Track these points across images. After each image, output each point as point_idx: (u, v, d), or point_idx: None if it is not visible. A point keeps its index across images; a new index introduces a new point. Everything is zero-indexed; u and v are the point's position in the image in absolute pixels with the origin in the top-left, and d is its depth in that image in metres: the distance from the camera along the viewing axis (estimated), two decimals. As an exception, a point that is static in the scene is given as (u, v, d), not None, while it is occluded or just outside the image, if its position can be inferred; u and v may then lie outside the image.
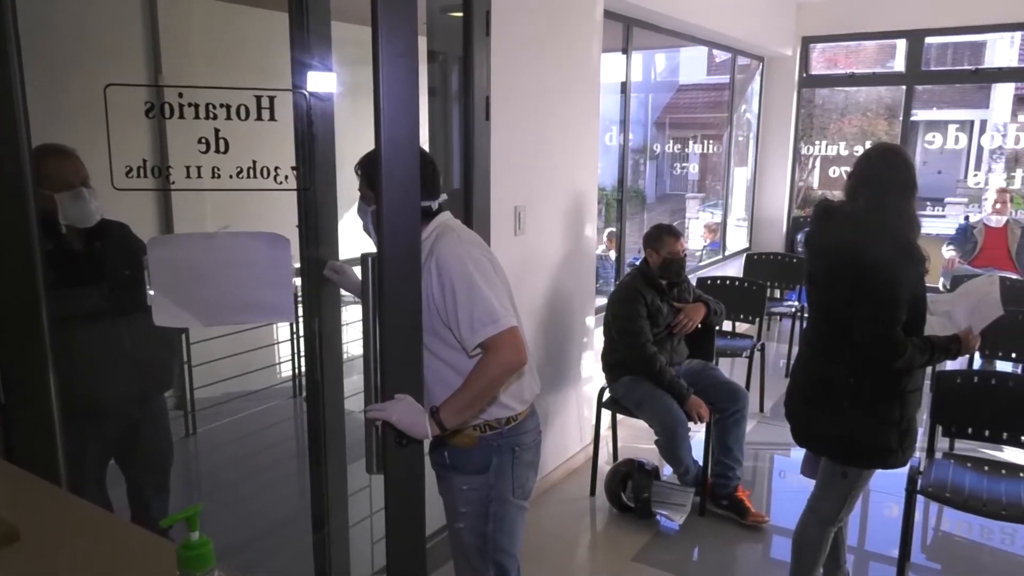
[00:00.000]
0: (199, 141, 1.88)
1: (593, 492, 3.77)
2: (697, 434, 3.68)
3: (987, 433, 2.98)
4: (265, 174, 1.97)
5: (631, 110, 4.74)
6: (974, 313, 2.44)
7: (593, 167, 3.89)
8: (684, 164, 8.21)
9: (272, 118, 1.94)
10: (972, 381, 3.01)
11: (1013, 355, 4.03)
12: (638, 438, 4.10)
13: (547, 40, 3.37)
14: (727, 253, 6.86)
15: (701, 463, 3.57)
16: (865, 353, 2.33)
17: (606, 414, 3.95)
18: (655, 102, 9.73)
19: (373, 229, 1.88)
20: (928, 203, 9.26)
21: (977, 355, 4.15)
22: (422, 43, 2.89)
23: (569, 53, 3.55)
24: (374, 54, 1.58)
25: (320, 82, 2.12)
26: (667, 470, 3.73)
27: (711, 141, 7.61)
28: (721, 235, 6.87)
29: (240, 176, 1.94)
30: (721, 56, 6.66)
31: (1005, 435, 2.95)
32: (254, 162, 1.95)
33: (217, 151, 1.90)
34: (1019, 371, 4.33)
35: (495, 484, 2.01)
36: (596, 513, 3.67)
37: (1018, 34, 6.03)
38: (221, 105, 1.88)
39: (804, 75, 6.93)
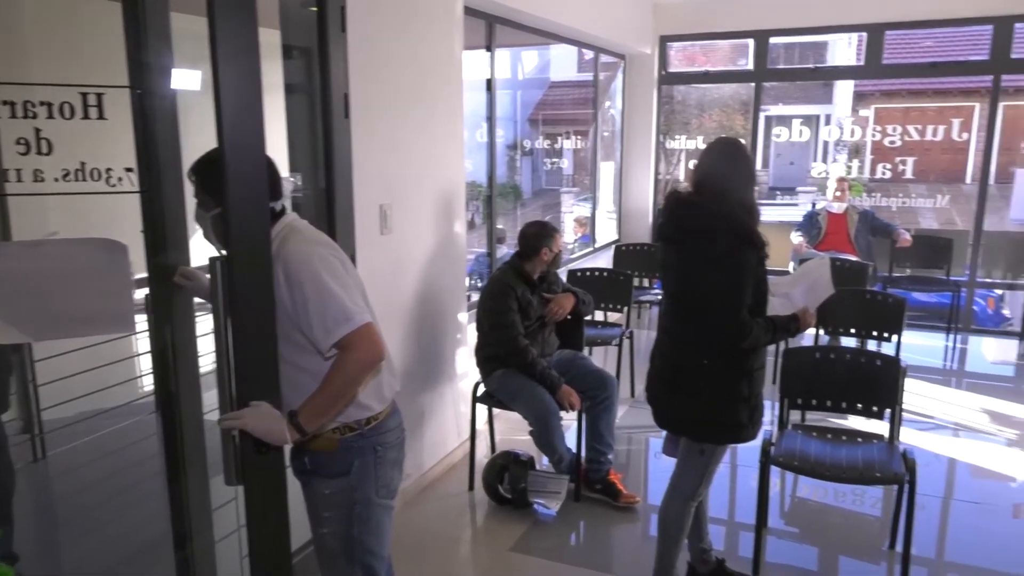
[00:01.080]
0: (18, 142, 1.73)
1: (472, 487, 3.80)
2: (571, 422, 3.77)
3: (829, 404, 3.23)
4: (96, 176, 1.85)
5: (502, 107, 4.80)
6: (809, 293, 2.64)
7: (459, 164, 3.90)
8: (556, 160, 8.38)
9: (101, 116, 1.82)
10: (814, 356, 3.26)
11: (852, 330, 4.38)
12: (515, 430, 4.16)
13: (406, 36, 3.35)
14: (598, 245, 7.07)
15: (575, 450, 3.67)
16: (715, 335, 2.47)
17: (482, 409, 3.99)
18: (527, 99, 9.87)
19: (214, 235, 1.81)
20: (778, 192, 9.91)
21: (822, 331, 4.48)
22: (276, 37, 2.81)
23: (430, 50, 3.55)
24: (212, 49, 1.52)
25: (158, 78, 2.01)
26: (545, 460, 3.81)
27: (579, 137, 7.82)
28: (591, 228, 7.08)
29: (67, 179, 1.80)
30: (590, 53, 6.85)
31: (844, 404, 3.20)
32: (83, 164, 1.82)
33: (39, 152, 1.76)
34: (858, 345, 4.71)
35: (358, 486, 1.99)
36: (475, 507, 3.70)
37: (855, 35, 6.53)
38: (41, 103, 1.75)
39: (663, 72, 7.24)
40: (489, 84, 4.76)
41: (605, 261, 6.48)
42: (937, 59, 6.84)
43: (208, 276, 1.96)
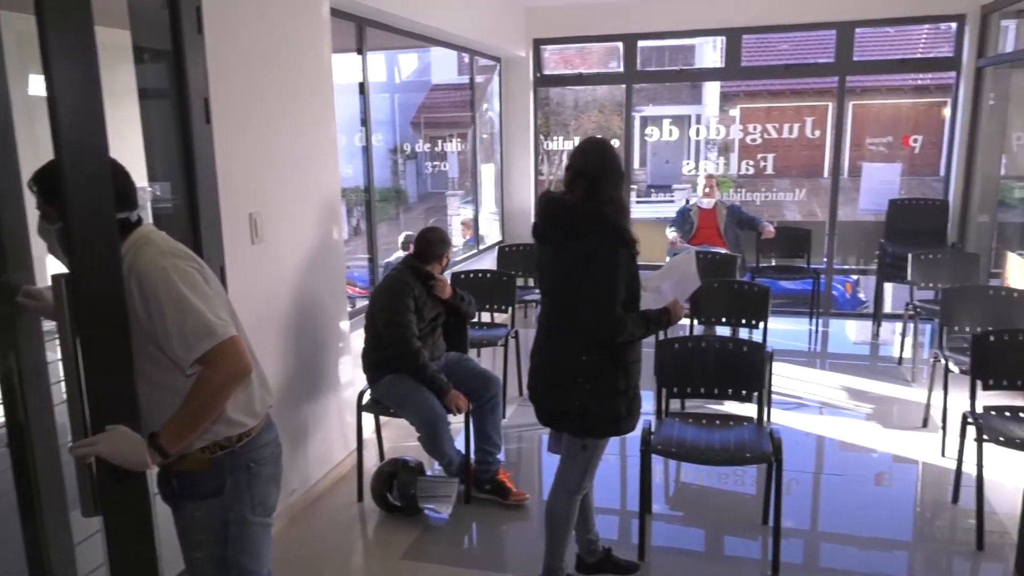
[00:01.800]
0: None
1: (360, 497, 3.73)
2: (458, 425, 3.76)
3: (702, 391, 3.38)
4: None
5: (381, 110, 4.72)
6: (678, 286, 2.75)
7: (334, 168, 3.82)
8: (438, 163, 8.35)
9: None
10: (687, 346, 3.40)
11: (723, 319, 4.60)
12: (405, 436, 4.12)
13: (271, 38, 3.24)
14: (482, 247, 7.11)
15: (464, 452, 3.67)
16: (592, 332, 2.53)
17: (369, 417, 3.93)
18: (408, 102, 9.78)
19: (60, 249, 1.69)
20: (653, 190, 10.28)
21: (696, 322, 4.68)
22: (127, 38, 2.65)
23: (297, 52, 3.45)
24: (42, 49, 1.42)
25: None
26: (436, 465, 3.78)
27: (461, 140, 7.83)
28: (474, 230, 7.11)
29: None
30: (478, 58, 6.89)
31: (716, 391, 3.36)
32: None
33: None
34: (731, 333, 4.95)
35: (232, 506, 1.91)
36: (365, 518, 3.63)
37: (719, 38, 6.88)
38: None
39: (538, 75, 7.36)
40: (362, 87, 4.69)
41: (490, 262, 6.53)
42: (790, 61, 7.30)
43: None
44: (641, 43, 7.13)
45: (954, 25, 6.32)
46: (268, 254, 3.26)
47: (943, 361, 4.08)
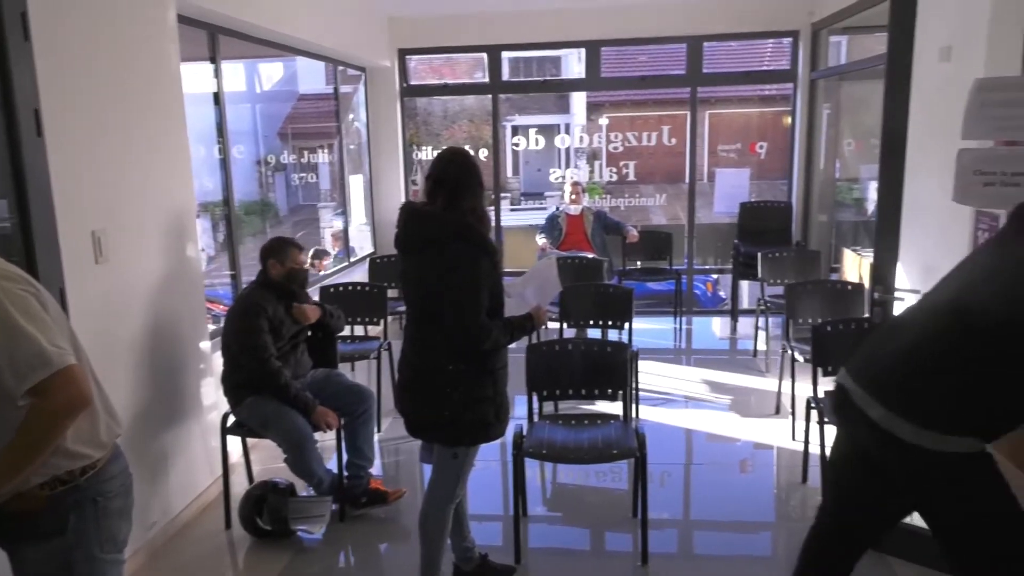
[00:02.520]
0: None
1: (229, 524, 3.57)
2: (329, 441, 3.68)
3: (571, 392, 3.47)
4: None
5: (243, 121, 4.55)
6: (540, 292, 2.82)
7: (187, 182, 3.65)
8: (307, 174, 8.14)
9: None
10: (555, 349, 3.49)
11: (592, 322, 4.75)
12: (275, 458, 3.97)
13: (111, 46, 3.06)
14: (353, 259, 7.00)
15: (336, 469, 3.59)
16: (457, 340, 2.55)
17: (236, 440, 3.77)
18: (275, 112, 9.47)
19: None
20: (525, 197, 10.47)
21: (566, 324, 4.80)
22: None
23: (141, 61, 3.28)
24: None
25: None
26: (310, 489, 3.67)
27: (329, 151, 7.67)
28: (344, 242, 6.99)
29: None
30: (340, 67, 6.77)
31: (583, 391, 3.46)
32: None
33: None
34: (600, 335, 5.11)
35: (77, 544, 1.78)
36: (234, 545, 3.48)
37: (582, 50, 7.12)
38: None
39: (404, 85, 7.35)
40: (217, 97, 4.51)
41: (361, 275, 6.43)
42: (647, 73, 7.65)
43: None
44: (507, 54, 7.26)
45: (790, 40, 6.84)
46: (115, 274, 3.07)
47: (790, 351, 4.39)
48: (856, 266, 5.68)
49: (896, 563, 3.04)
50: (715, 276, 9.25)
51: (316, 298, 3.97)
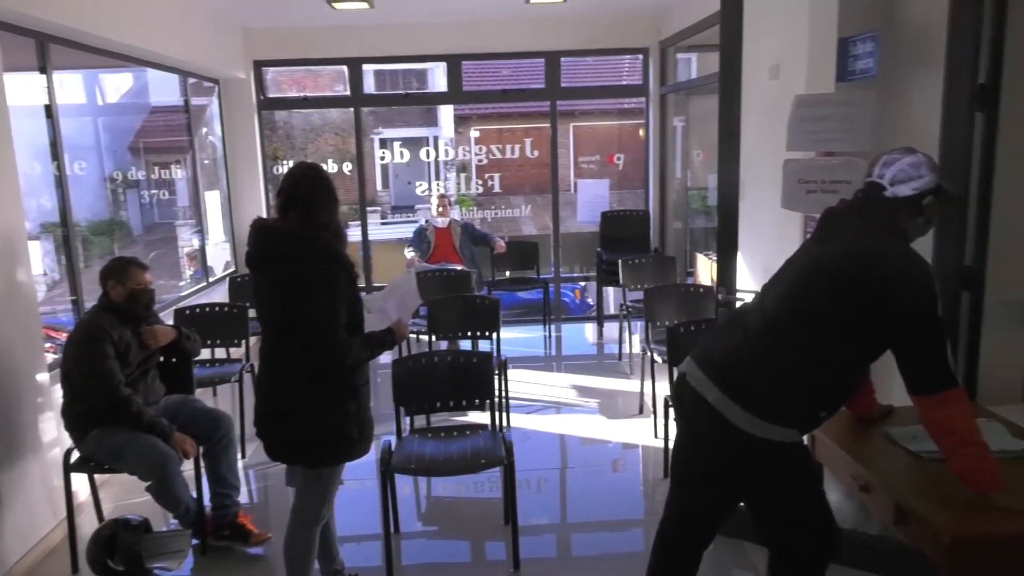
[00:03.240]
0: None
1: (76, 568, 3.32)
2: (188, 471, 3.50)
3: (439, 404, 3.47)
4: None
5: (87, 135, 4.24)
6: (401, 306, 2.81)
7: (14, 201, 3.38)
8: (161, 191, 7.71)
9: None
10: (421, 363, 3.48)
11: (459, 333, 4.78)
12: (130, 492, 3.75)
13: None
14: (213, 278, 6.69)
15: (197, 499, 3.41)
16: (316, 359, 2.50)
17: (82, 477, 3.50)
18: (125, 125, 8.92)
19: None
20: (393, 210, 10.41)
21: (435, 337, 4.79)
22: None
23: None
24: None
25: None
26: (173, 521, 3.45)
27: (180, 167, 7.31)
28: (201, 262, 6.67)
29: None
30: (193, 79, 6.45)
31: (451, 403, 3.47)
32: None
33: None
34: (466, 347, 5.14)
35: None
36: (82, 591, 3.24)
37: (444, 64, 7.16)
38: None
39: (261, 97, 7.12)
40: (49, 110, 4.20)
41: (221, 295, 6.16)
42: (509, 87, 7.80)
43: None
44: (368, 67, 7.19)
45: (641, 57, 7.19)
46: (-70, 304, 2.80)
47: (649, 353, 4.60)
48: (708, 270, 6.03)
49: (748, 547, 3.24)
50: (582, 283, 9.54)
51: (170, 321, 3.77)
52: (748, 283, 4.35)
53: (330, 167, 7.33)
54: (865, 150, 2.86)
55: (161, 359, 3.56)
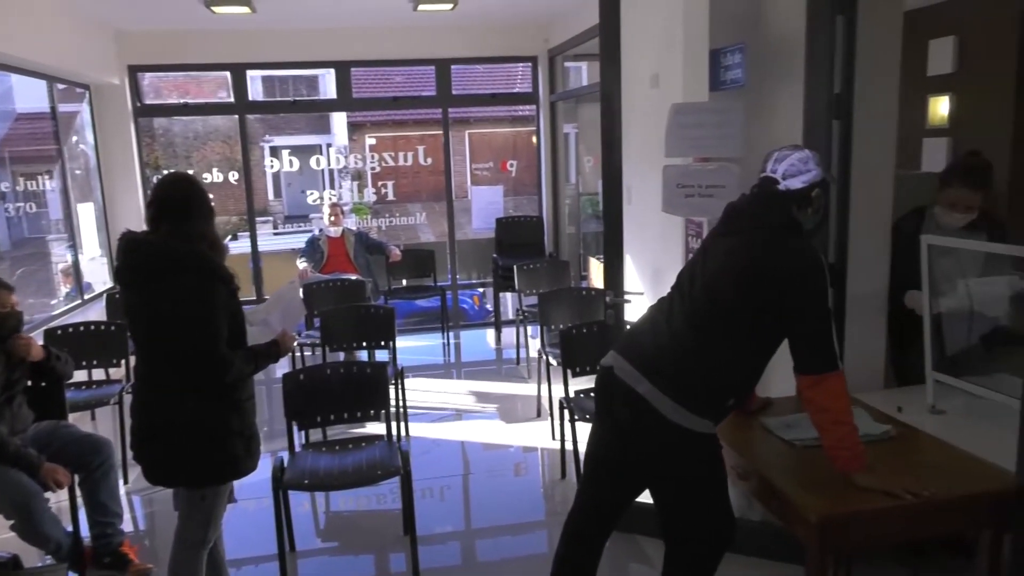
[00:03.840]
0: None
1: (-65, 616, 3.06)
2: (63, 502, 3.29)
3: (332, 417, 3.41)
4: None
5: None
6: (285, 317, 2.75)
7: None
8: (29, 203, 7.21)
9: None
10: (312, 375, 3.41)
11: (355, 344, 4.71)
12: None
13: None
14: (89, 296, 6.31)
15: (73, 530, 3.21)
16: (196, 375, 2.41)
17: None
18: (-14, 132, 8.29)
19: None
20: (286, 220, 10.15)
21: (329, 348, 4.70)
22: None
23: None
24: None
25: None
26: (48, 556, 3.23)
27: (50, 177, 6.87)
28: (75, 278, 6.28)
29: None
30: (61, 85, 6.05)
31: (346, 415, 3.42)
32: None
33: None
34: (364, 357, 5.07)
35: None
36: (-57, 639, 2.98)
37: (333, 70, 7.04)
38: None
39: (138, 104, 6.79)
40: None
41: (98, 313, 5.82)
42: (400, 94, 7.77)
43: None
44: (254, 73, 6.99)
45: (531, 65, 7.31)
46: None
47: (545, 356, 4.67)
48: (601, 273, 6.18)
49: (641, 540, 3.34)
50: (480, 290, 9.58)
51: (40, 343, 3.53)
52: (637, 285, 4.50)
53: (215, 176, 7.08)
54: (738, 155, 3.02)
55: (29, 383, 3.34)
